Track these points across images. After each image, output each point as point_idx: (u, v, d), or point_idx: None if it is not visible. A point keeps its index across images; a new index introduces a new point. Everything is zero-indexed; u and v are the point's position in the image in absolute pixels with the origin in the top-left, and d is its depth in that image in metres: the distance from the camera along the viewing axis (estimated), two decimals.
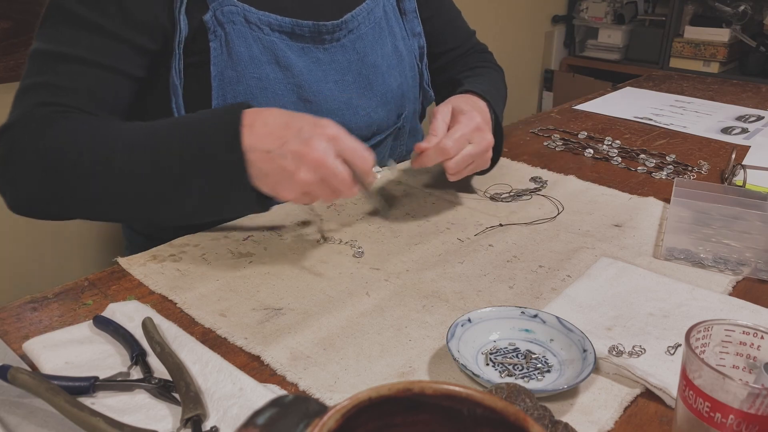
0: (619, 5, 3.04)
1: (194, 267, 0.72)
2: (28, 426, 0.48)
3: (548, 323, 0.59)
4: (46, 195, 0.74)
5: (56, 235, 1.54)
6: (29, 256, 1.52)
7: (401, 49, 0.99)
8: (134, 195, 0.71)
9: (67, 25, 0.77)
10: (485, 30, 2.74)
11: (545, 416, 0.42)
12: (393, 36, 0.98)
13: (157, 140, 0.71)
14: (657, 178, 1.01)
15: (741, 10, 2.74)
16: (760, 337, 0.45)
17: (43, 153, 0.72)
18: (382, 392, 0.32)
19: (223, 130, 0.68)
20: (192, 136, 0.70)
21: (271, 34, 0.84)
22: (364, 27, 0.93)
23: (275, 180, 0.67)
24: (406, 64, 1.00)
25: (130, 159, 0.70)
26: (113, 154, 0.70)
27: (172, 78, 0.81)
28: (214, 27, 0.81)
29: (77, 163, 0.71)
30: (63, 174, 0.71)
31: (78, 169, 0.71)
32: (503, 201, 0.90)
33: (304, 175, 0.66)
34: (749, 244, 0.72)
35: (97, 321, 0.59)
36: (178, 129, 0.72)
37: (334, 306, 0.65)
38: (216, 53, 0.82)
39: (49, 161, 0.72)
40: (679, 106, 1.43)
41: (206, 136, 0.69)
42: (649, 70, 2.40)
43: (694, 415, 0.42)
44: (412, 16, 1.03)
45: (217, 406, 0.50)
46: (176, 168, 0.69)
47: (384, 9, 0.97)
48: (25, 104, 0.76)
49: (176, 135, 0.71)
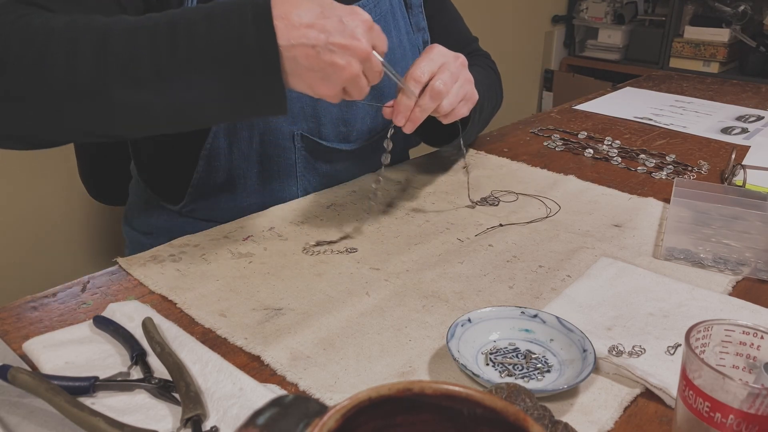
0: (619, 5, 3.04)
1: (194, 267, 0.72)
2: (28, 426, 0.48)
3: (548, 323, 0.59)
4: (9, 100, 0.60)
5: (56, 235, 1.54)
6: (29, 256, 1.52)
7: (405, 44, 0.99)
8: (127, 81, 0.59)
9: None
10: (485, 30, 2.74)
11: (545, 416, 0.42)
12: (398, 30, 0.98)
13: (167, 21, 0.61)
14: (657, 178, 1.01)
15: (741, 10, 2.74)
16: (760, 337, 0.45)
17: (14, 51, 0.59)
18: (382, 392, 0.32)
19: (251, 21, 0.60)
20: (214, 22, 0.60)
21: None
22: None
23: (320, 76, 0.62)
24: (410, 59, 1.00)
25: (129, 39, 0.59)
26: (108, 36, 0.59)
27: None
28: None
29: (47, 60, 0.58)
30: (34, 72, 0.59)
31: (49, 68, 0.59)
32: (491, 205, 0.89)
33: (355, 68, 0.63)
34: (749, 244, 0.73)
35: (97, 321, 0.59)
36: (192, 13, 0.61)
37: (334, 306, 0.65)
38: None
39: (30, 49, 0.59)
40: (679, 106, 1.43)
41: (231, 23, 0.60)
42: (649, 70, 2.40)
43: (694, 415, 0.42)
44: (418, 11, 1.03)
45: (217, 406, 0.50)
46: (189, 51, 0.60)
47: (390, 2, 0.97)
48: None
49: (192, 17, 0.61)
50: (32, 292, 0.66)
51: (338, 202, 0.89)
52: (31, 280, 1.51)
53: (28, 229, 1.49)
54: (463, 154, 0.99)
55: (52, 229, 1.52)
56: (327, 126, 0.90)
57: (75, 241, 1.57)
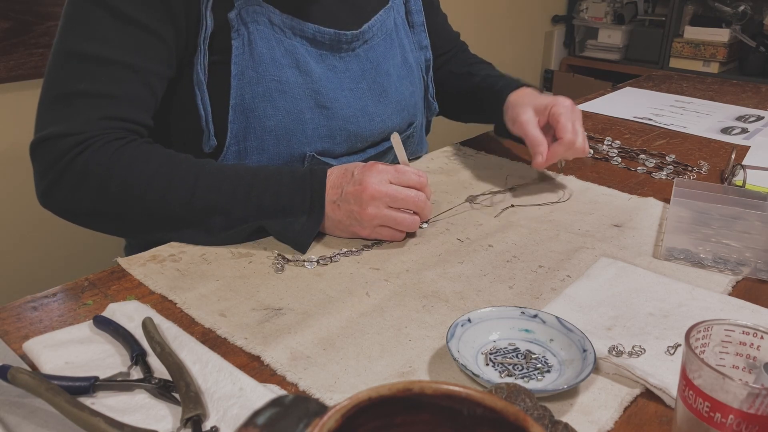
0: (619, 5, 3.04)
1: (194, 267, 0.72)
2: (28, 426, 0.48)
3: (548, 323, 0.59)
4: (106, 215, 0.76)
5: (56, 236, 1.54)
6: (29, 257, 1.52)
7: (410, 62, 1.01)
8: (201, 228, 0.75)
9: (106, 20, 0.75)
10: (485, 30, 2.74)
11: (545, 416, 0.42)
12: (402, 48, 0.99)
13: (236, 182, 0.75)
14: (657, 178, 1.01)
15: (741, 10, 2.74)
16: (759, 337, 0.45)
17: (117, 178, 0.73)
18: (382, 392, 0.32)
19: (307, 192, 0.75)
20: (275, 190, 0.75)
21: (293, 38, 0.84)
22: (377, 38, 0.94)
23: (348, 223, 0.76)
24: (415, 76, 1.01)
25: (208, 200, 0.74)
26: (193, 195, 0.74)
27: (197, 74, 0.81)
28: (238, 26, 0.81)
29: (146, 200, 0.74)
30: (134, 202, 0.74)
31: (147, 206, 0.74)
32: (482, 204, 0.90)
33: (371, 210, 0.74)
34: (749, 244, 0.73)
35: (97, 321, 0.59)
36: (259, 179, 0.75)
37: (334, 306, 0.65)
38: (237, 52, 0.81)
39: (122, 187, 0.74)
40: (679, 106, 1.43)
41: (287, 193, 0.75)
42: (649, 70, 2.40)
43: (694, 415, 0.42)
44: (420, 30, 1.04)
45: (217, 406, 0.50)
46: (253, 217, 0.75)
47: (395, 21, 0.98)
48: (84, 114, 0.75)
49: (257, 186, 0.75)
50: (32, 292, 0.66)
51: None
52: (31, 280, 1.51)
53: (28, 229, 1.49)
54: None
55: (53, 228, 1.52)
56: (341, 144, 0.90)
57: (75, 241, 1.57)
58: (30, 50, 1.41)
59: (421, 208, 0.76)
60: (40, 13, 1.41)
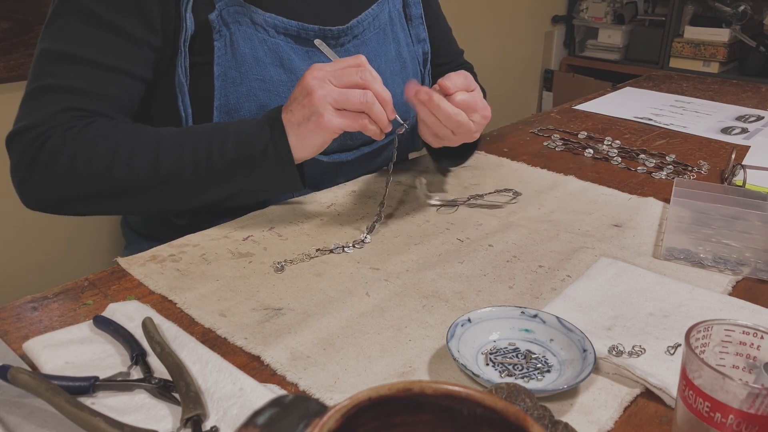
0: (619, 5, 3.04)
1: (194, 267, 0.72)
2: (28, 426, 0.48)
3: (548, 323, 0.59)
4: (79, 197, 0.77)
5: (56, 235, 1.54)
6: (29, 257, 1.52)
7: (405, 56, 0.99)
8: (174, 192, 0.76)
9: (82, 23, 0.77)
10: (486, 30, 2.74)
11: (545, 416, 0.42)
12: (397, 42, 0.98)
13: (197, 138, 0.76)
14: (657, 178, 1.01)
15: (741, 10, 2.74)
16: (760, 337, 0.45)
17: (82, 159, 0.74)
18: (382, 392, 0.32)
19: (263, 120, 0.76)
20: (237, 137, 0.76)
21: (277, 36, 0.84)
22: (369, 33, 0.93)
23: (306, 120, 0.72)
24: (409, 71, 1.00)
25: (173, 160, 0.75)
26: (157, 159, 0.75)
27: (178, 76, 0.81)
28: (219, 26, 0.81)
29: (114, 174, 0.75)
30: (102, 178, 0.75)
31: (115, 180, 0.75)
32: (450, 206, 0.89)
33: (319, 92, 0.71)
34: (749, 244, 0.73)
35: (97, 321, 0.59)
36: (220, 131, 0.77)
37: (334, 306, 0.65)
38: (220, 53, 0.82)
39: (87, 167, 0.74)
40: (679, 106, 1.43)
41: (252, 137, 0.75)
42: (649, 70, 2.40)
43: (694, 415, 0.42)
44: (418, 22, 1.03)
45: (217, 406, 0.50)
46: (221, 164, 0.75)
47: (389, 15, 0.97)
48: (48, 107, 0.76)
49: (217, 134, 0.76)
50: (32, 292, 0.66)
51: (338, 201, 0.89)
52: (31, 280, 1.51)
53: (28, 229, 1.49)
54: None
55: (53, 229, 1.52)
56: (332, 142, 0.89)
57: (75, 241, 1.57)
58: (30, 50, 1.41)
59: (370, 109, 0.72)
60: (40, 13, 1.41)
